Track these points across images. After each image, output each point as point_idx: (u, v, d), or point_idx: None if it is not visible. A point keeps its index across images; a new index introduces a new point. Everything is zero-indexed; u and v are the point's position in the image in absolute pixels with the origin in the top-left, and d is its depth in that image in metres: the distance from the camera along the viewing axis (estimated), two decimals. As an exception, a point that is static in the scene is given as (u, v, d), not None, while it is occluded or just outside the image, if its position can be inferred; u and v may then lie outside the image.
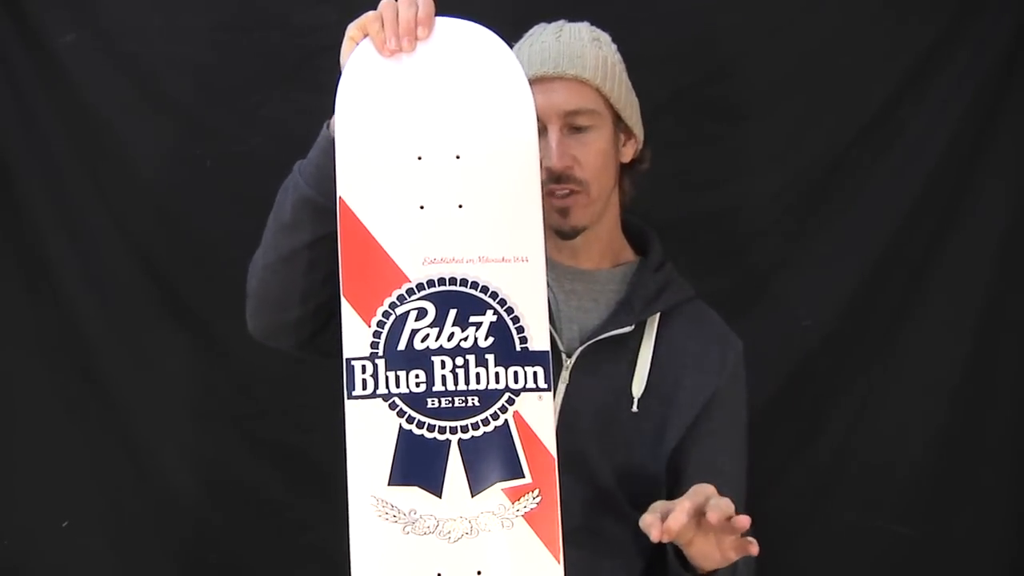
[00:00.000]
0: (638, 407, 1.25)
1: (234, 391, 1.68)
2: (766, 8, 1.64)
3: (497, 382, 1.07)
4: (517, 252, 1.09)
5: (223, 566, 1.69)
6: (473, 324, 1.07)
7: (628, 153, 1.32)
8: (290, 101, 1.64)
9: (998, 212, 1.62)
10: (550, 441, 1.07)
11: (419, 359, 1.07)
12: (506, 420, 1.07)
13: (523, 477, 1.06)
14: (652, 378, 1.26)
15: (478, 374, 1.07)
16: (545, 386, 1.08)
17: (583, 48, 1.25)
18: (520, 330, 1.08)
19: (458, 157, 1.10)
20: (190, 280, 1.67)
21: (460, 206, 1.09)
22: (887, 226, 1.64)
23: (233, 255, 1.66)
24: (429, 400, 1.07)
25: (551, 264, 1.31)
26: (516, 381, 1.07)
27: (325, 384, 1.57)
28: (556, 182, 1.24)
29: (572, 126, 1.24)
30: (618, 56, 1.29)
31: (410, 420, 1.07)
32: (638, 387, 1.25)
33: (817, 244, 1.66)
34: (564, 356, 1.25)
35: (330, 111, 1.13)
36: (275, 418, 1.68)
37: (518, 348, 1.08)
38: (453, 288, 1.08)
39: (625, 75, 1.30)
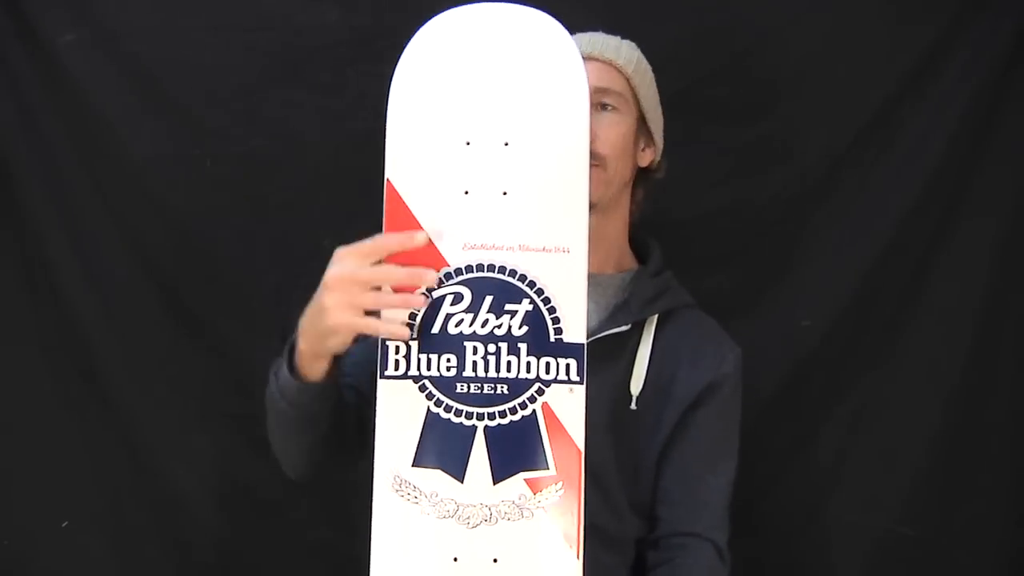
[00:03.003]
0: (636, 405, 1.27)
1: (234, 391, 1.67)
2: (767, 8, 1.64)
3: (528, 372, 1.07)
4: (559, 243, 1.08)
5: (223, 566, 1.68)
6: (508, 312, 1.07)
7: (646, 158, 1.36)
8: (290, 101, 1.64)
9: (998, 212, 1.62)
10: (578, 434, 1.07)
11: (452, 343, 1.07)
12: (534, 410, 1.07)
13: (547, 468, 1.06)
14: (650, 377, 1.28)
15: (509, 362, 1.07)
16: (577, 379, 1.07)
17: (619, 43, 1.32)
18: (556, 321, 1.07)
19: (507, 144, 1.09)
20: (190, 280, 1.67)
21: (504, 193, 1.09)
22: (887, 226, 1.63)
23: (233, 255, 1.67)
24: (459, 385, 1.07)
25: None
26: (547, 372, 1.07)
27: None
28: None
29: (600, 103, 1.28)
30: (651, 72, 1.34)
31: (438, 403, 1.07)
32: (636, 385, 1.27)
33: (817, 244, 1.65)
34: None
35: (329, 111, 1.12)
36: (275, 418, 1.67)
37: (552, 339, 1.07)
38: (491, 275, 1.08)
39: (655, 87, 1.35)
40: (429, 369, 1.07)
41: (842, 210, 1.65)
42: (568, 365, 1.07)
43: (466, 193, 1.09)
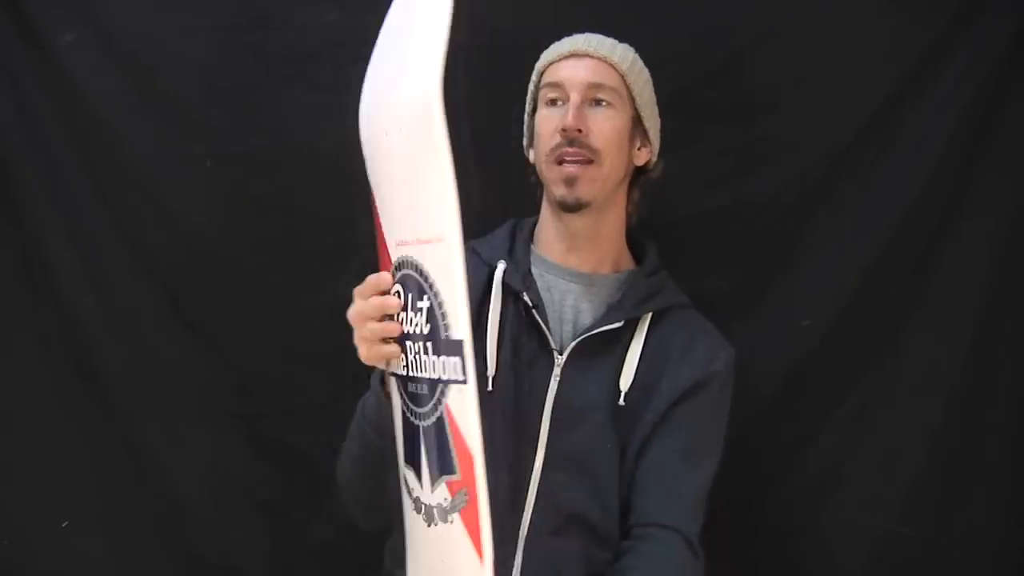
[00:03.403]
0: (625, 401, 1.27)
1: (234, 391, 1.68)
2: (766, 8, 1.64)
3: (434, 371, 0.99)
4: (433, 232, 0.95)
5: (223, 566, 1.68)
6: (418, 309, 1.00)
7: (642, 157, 1.36)
8: (290, 101, 1.64)
9: (998, 212, 1.62)
10: (472, 436, 0.94)
11: (402, 342, 1.05)
12: (442, 412, 0.99)
13: (455, 473, 0.98)
14: (639, 373, 1.29)
15: (425, 362, 1.01)
16: (462, 378, 0.94)
17: (615, 44, 1.33)
18: (443, 316, 0.97)
19: (400, 130, 1.00)
20: (190, 280, 1.67)
21: (404, 182, 1.02)
22: (887, 226, 1.63)
23: (233, 255, 1.67)
24: (410, 384, 1.05)
25: (549, 264, 1.33)
26: (444, 371, 0.97)
27: (325, 384, 1.57)
28: (569, 146, 1.27)
29: (594, 99, 1.30)
30: (648, 73, 1.36)
31: (404, 403, 1.07)
32: (625, 382, 1.28)
33: (817, 244, 1.65)
34: (555, 354, 1.26)
35: (329, 111, 1.13)
36: (275, 418, 1.67)
37: (442, 336, 0.97)
38: (407, 271, 1.03)
39: (651, 88, 1.36)
40: (400, 369, 1.06)
41: (842, 210, 1.64)
42: (455, 363, 0.95)
43: (390, 187, 1.06)
